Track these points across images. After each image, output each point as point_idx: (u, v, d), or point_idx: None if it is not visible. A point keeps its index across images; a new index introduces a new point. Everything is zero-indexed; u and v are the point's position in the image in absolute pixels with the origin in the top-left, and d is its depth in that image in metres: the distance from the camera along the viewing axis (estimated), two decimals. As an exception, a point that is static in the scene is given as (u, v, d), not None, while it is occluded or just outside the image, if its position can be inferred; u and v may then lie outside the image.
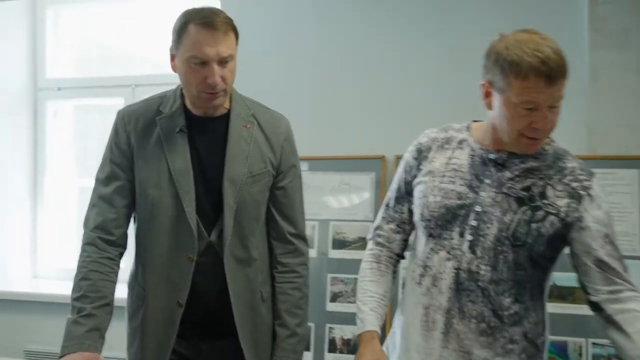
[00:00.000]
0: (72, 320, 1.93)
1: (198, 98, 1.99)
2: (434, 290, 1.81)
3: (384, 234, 2.03)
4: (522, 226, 1.73)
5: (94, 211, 2.05)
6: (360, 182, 3.22)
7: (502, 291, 1.75)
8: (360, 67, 3.30)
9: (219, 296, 2.04)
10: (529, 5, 3.08)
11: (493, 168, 1.79)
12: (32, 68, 4.08)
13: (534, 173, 1.77)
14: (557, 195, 1.75)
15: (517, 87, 1.63)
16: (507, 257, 1.74)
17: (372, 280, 2.00)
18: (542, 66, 1.60)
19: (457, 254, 1.78)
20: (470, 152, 1.84)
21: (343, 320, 3.16)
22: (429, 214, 1.83)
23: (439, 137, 1.92)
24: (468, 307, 1.76)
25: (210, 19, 1.89)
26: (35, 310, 3.78)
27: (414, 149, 1.96)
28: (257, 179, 2.06)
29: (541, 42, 1.64)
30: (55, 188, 4.14)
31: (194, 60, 1.92)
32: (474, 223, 1.77)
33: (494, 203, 1.76)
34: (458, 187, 1.81)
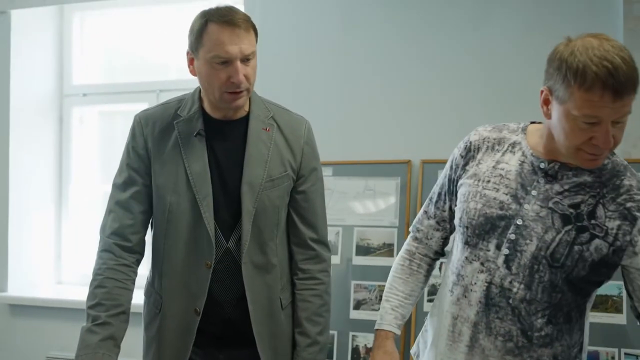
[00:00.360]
0: (86, 329, 1.89)
1: (221, 100, 1.95)
2: (464, 302, 1.72)
3: (422, 229, 1.94)
4: (563, 247, 1.61)
5: (111, 217, 2.03)
6: (386, 187, 3.16)
7: (534, 311, 1.65)
8: (385, 71, 3.23)
9: (237, 304, 2.01)
10: (563, 5, 2.99)
11: (542, 179, 1.66)
12: (58, 74, 4.08)
13: (586, 189, 1.63)
14: (608, 215, 1.61)
15: (579, 98, 1.48)
16: (543, 278, 1.63)
17: (400, 277, 1.94)
18: (609, 78, 1.45)
19: (491, 267, 1.68)
20: (520, 158, 1.71)
21: (367, 328, 3.08)
22: (467, 220, 1.73)
23: (491, 137, 1.78)
24: (495, 324, 1.67)
25: (230, 17, 1.86)
26: (58, 316, 3.77)
27: (463, 146, 1.83)
28: (277, 183, 2.01)
29: (611, 50, 1.47)
30: (80, 194, 4.13)
31: (216, 59, 1.88)
32: (513, 237, 1.65)
33: (536, 218, 1.64)
34: (501, 195, 1.69)
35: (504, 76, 3.04)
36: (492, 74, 3.06)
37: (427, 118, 3.14)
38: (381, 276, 3.07)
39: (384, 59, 3.23)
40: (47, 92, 4.03)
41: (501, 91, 3.04)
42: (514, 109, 2.97)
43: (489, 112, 3.04)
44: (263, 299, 2.01)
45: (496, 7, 3.07)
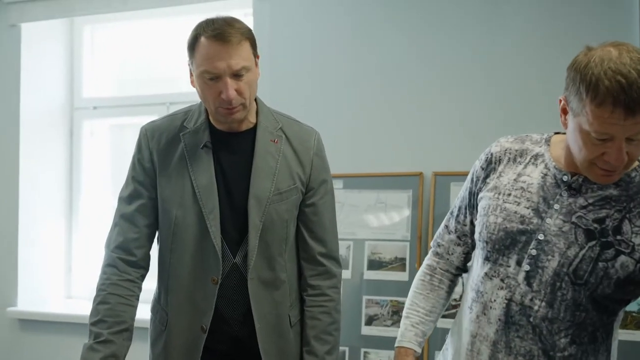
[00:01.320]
0: (88, 346, 1.86)
1: (217, 113, 1.91)
2: (483, 319, 1.64)
3: (443, 244, 1.88)
4: (587, 263, 1.53)
5: (116, 231, 1.99)
6: (397, 200, 3.10)
7: (557, 330, 1.57)
8: (397, 82, 3.19)
9: (244, 320, 1.96)
10: (578, 15, 2.94)
11: (565, 192, 1.59)
12: (68, 87, 4.07)
13: (611, 203, 1.55)
14: (635, 231, 1.53)
15: (590, 113, 1.42)
16: (566, 295, 1.55)
17: (420, 293, 1.87)
18: (621, 94, 1.37)
19: (511, 283, 1.60)
20: (543, 170, 1.64)
21: (379, 344, 3.02)
22: (487, 235, 1.65)
23: (513, 149, 1.71)
24: (516, 343, 1.59)
25: (220, 31, 1.80)
26: (68, 331, 3.74)
27: (484, 158, 1.76)
28: (285, 197, 1.96)
29: (628, 63, 1.39)
30: (90, 207, 4.11)
31: (206, 75, 1.84)
32: (534, 252, 1.58)
33: (559, 233, 1.56)
34: (523, 209, 1.62)
35: (518, 88, 2.98)
36: (506, 85, 3.00)
37: (439, 129, 3.09)
38: (393, 291, 3.02)
39: (395, 71, 3.19)
40: (57, 105, 4.03)
41: (515, 103, 2.99)
42: (527, 120, 2.92)
43: (502, 124, 2.98)
44: (271, 315, 1.96)
45: (510, 18, 3.02)
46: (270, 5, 3.37)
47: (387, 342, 2.99)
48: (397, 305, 2.99)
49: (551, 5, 2.97)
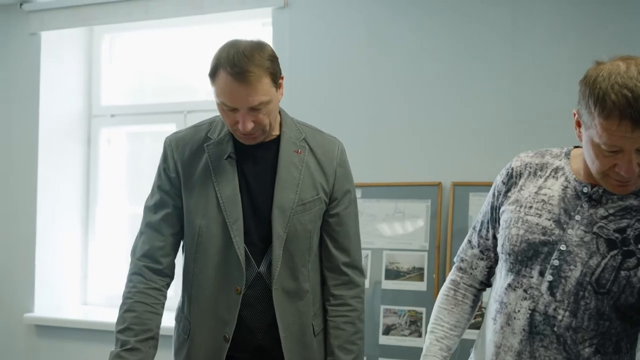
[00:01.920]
0: (115, 354, 1.87)
1: (235, 135, 1.94)
2: (507, 330, 1.65)
3: (467, 259, 1.88)
4: (609, 272, 1.54)
5: (142, 239, 2.00)
6: (416, 210, 3.11)
7: (581, 340, 1.57)
8: (415, 92, 3.20)
9: (268, 330, 1.96)
10: (597, 31, 2.95)
11: (586, 203, 1.61)
12: (87, 95, 4.11)
13: (632, 213, 1.57)
14: None
15: (599, 126, 1.44)
16: (589, 305, 1.56)
17: (445, 308, 1.87)
18: (627, 108, 1.39)
19: (535, 294, 1.61)
20: (563, 183, 1.66)
21: (396, 354, 3.02)
22: (509, 247, 1.67)
23: (533, 163, 1.74)
24: (540, 353, 1.60)
25: (239, 69, 1.78)
26: (84, 337, 3.76)
27: (505, 172, 1.78)
28: (308, 207, 1.97)
29: (635, 77, 1.42)
30: (107, 215, 4.14)
31: (224, 105, 1.85)
32: (556, 263, 1.59)
33: (581, 243, 1.58)
34: (544, 221, 1.63)
35: (537, 98, 2.99)
36: (525, 96, 3.01)
37: (458, 139, 3.09)
38: (411, 301, 3.02)
39: (413, 80, 3.20)
40: (75, 113, 4.06)
41: (533, 114, 2.99)
42: (546, 133, 2.92)
43: (521, 136, 2.98)
44: (295, 325, 1.97)
45: (529, 28, 3.03)
46: (290, 16, 3.40)
47: (404, 351, 2.99)
48: (414, 315, 2.99)
49: (572, 20, 2.98)
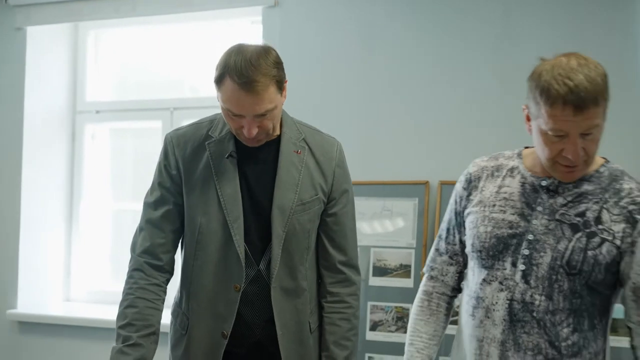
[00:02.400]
0: (117, 350, 1.88)
1: (238, 138, 1.96)
2: (487, 323, 1.74)
3: (437, 266, 1.96)
4: (577, 254, 1.66)
5: (142, 236, 2.02)
6: (403, 208, 3.16)
7: (559, 321, 1.67)
8: (404, 92, 3.25)
9: (265, 327, 2.00)
10: (585, 27, 3.03)
11: (545, 195, 1.74)
12: (72, 91, 4.08)
13: (588, 197, 1.71)
14: (613, 219, 1.68)
15: (545, 114, 1.60)
16: (563, 286, 1.67)
17: (421, 319, 1.94)
18: (569, 94, 1.57)
19: (510, 284, 1.71)
20: (521, 180, 1.79)
21: (383, 349, 3.07)
22: (479, 244, 1.77)
23: (489, 166, 1.88)
24: (523, 339, 1.69)
25: (246, 78, 1.80)
26: (67, 333, 3.75)
27: (463, 179, 1.91)
28: (308, 207, 2.01)
29: (575, 69, 1.59)
30: (91, 211, 4.12)
31: (229, 112, 1.87)
32: (527, 252, 1.70)
33: (546, 231, 1.70)
34: (509, 216, 1.75)
35: (525, 99, 3.05)
36: (512, 96, 3.06)
37: (446, 139, 3.15)
38: (398, 297, 3.07)
39: (403, 80, 3.25)
40: (60, 109, 4.04)
41: (521, 114, 3.04)
42: (532, 132, 2.98)
43: (509, 135, 3.03)
44: (292, 323, 2.00)
45: (522, 31, 3.10)
46: (280, 14, 3.42)
47: (391, 347, 3.04)
48: (401, 312, 3.05)
49: (563, 22, 3.06)
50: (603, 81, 1.61)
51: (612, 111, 2.93)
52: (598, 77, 1.59)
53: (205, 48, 3.88)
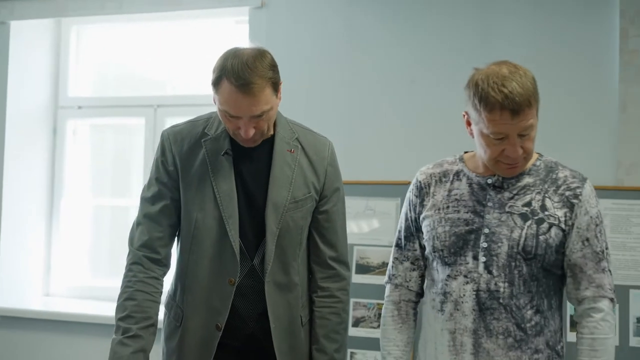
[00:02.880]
0: (117, 341, 1.92)
1: (234, 138, 2.01)
2: (457, 315, 1.86)
3: (400, 274, 2.07)
4: (530, 239, 1.82)
5: (139, 230, 2.05)
6: (385, 207, 3.23)
7: (523, 305, 1.83)
8: (387, 93, 3.33)
9: (258, 320, 2.05)
10: (562, 38, 3.13)
11: (492, 191, 1.89)
12: (54, 86, 4.09)
13: (531, 188, 1.88)
14: (555, 206, 1.86)
15: (485, 119, 1.76)
16: (522, 271, 1.83)
17: (394, 328, 2.04)
18: (505, 101, 1.72)
19: (474, 276, 1.85)
20: (467, 181, 1.94)
21: (366, 345, 3.14)
22: (440, 244, 1.91)
23: (436, 172, 2.02)
24: (493, 325, 1.83)
25: (243, 80, 1.85)
26: (46, 328, 3.76)
27: (414, 187, 2.05)
28: (300, 205, 2.06)
29: (507, 76, 1.75)
30: (72, 207, 4.13)
31: (226, 113, 1.92)
32: (485, 245, 1.85)
33: (499, 223, 1.85)
34: (463, 214, 1.90)
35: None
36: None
37: (427, 140, 3.23)
38: (380, 294, 3.07)
39: (387, 83, 3.33)
40: (42, 104, 4.04)
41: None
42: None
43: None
44: (284, 316, 2.06)
45: (500, 31, 3.20)
46: (267, 15, 3.47)
47: (373, 343, 3.10)
48: (383, 308, 3.12)
49: (541, 23, 3.17)
50: (533, 85, 1.78)
51: (589, 108, 3.07)
52: (528, 82, 1.76)
53: (189, 47, 3.92)
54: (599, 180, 2.93)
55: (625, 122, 2.99)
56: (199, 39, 3.87)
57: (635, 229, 2.90)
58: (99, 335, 3.64)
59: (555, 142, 2.98)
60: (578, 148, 3.02)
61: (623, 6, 3.02)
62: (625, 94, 2.99)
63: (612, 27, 3.05)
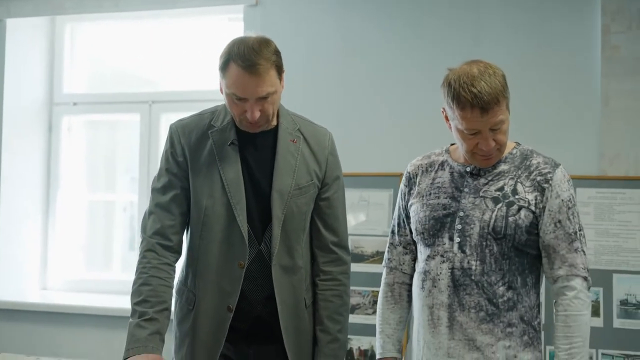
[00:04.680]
0: (134, 324, 1.99)
1: (240, 124, 2.10)
2: (435, 291, 2.02)
3: (394, 258, 2.23)
4: (500, 221, 1.95)
5: (151, 219, 2.13)
6: (379, 198, 3.34)
7: (495, 281, 1.96)
8: (381, 89, 3.44)
9: (266, 302, 2.13)
10: (546, 34, 3.25)
11: (470, 179, 2.05)
12: (49, 83, 4.14)
13: (504, 174, 2.02)
14: (526, 190, 1.98)
15: (459, 116, 1.91)
16: (493, 250, 1.96)
17: (387, 308, 2.21)
18: (474, 100, 1.87)
19: (450, 255, 2.00)
20: (450, 170, 2.10)
21: (361, 331, 3.25)
22: (421, 227, 2.07)
23: (423, 164, 2.19)
24: (466, 300, 1.97)
25: (250, 62, 1.96)
26: (44, 320, 3.83)
27: (404, 178, 2.23)
28: (304, 191, 2.16)
29: (477, 76, 1.89)
30: (67, 202, 4.19)
31: (234, 96, 2.02)
32: (460, 227, 2.00)
33: (473, 207, 2.00)
34: (442, 200, 2.06)
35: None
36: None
37: (419, 133, 3.34)
38: (374, 282, 3.22)
39: (380, 77, 3.43)
40: (37, 101, 4.09)
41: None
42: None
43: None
44: (290, 298, 2.15)
45: (489, 32, 3.31)
46: (261, 13, 3.56)
47: (368, 329, 3.21)
48: (377, 296, 3.19)
49: (528, 27, 3.29)
50: (501, 83, 1.91)
51: (573, 102, 3.19)
52: (497, 80, 1.89)
53: (184, 44, 3.98)
54: (584, 171, 3.08)
55: (607, 115, 3.11)
56: (194, 36, 3.94)
57: (617, 217, 3.04)
58: (95, 326, 3.74)
59: (541, 135, 3.11)
60: (563, 141, 3.14)
61: (604, 3, 3.14)
62: (607, 88, 3.11)
63: (594, 24, 3.18)
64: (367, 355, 3.25)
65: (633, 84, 3.05)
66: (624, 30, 3.05)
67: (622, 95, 3.06)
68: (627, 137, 3.07)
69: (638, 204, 3.02)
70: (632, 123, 3.07)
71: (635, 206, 3.02)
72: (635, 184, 3.03)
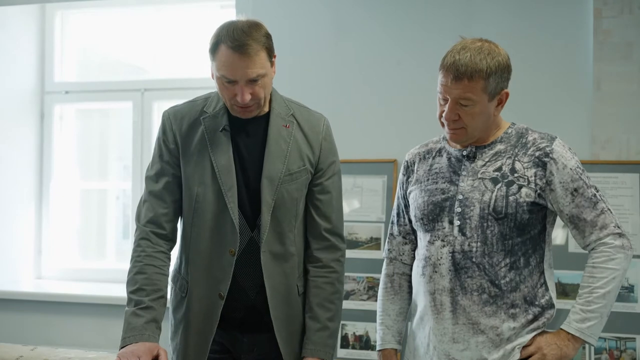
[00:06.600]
0: (130, 312, 2.00)
1: (232, 109, 2.09)
2: (436, 276, 2.00)
3: (394, 249, 2.22)
4: (500, 200, 1.94)
5: (145, 207, 2.13)
6: (373, 184, 3.35)
7: (497, 263, 1.95)
8: (374, 74, 3.43)
9: (260, 291, 2.13)
10: (538, 18, 3.25)
11: (467, 161, 2.03)
12: (40, 71, 4.12)
13: (501, 154, 2.01)
14: (525, 167, 1.97)
15: (439, 80, 1.95)
16: (494, 230, 1.95)
17: (387, 299, 2.20)
18: (451, 66, 1.91)
19: (450, 239, 1.99)
20: (447, 156, 2.09)
21: (355, 317, 3.27)
22: (420, 213, 2.06)
23: (421, 152, 2.19)
24: (468, 283, 1.96)
25: (239, 42, 1.96)
26: (38, 309, 3.83)
27: (402, 167, 2.23)
28: (295, 177, 2.14)
29: (469, 48, 1.92)
30: (60, 190, 4.18)
31: (224, 79, 2.01)
32: (459, 210, 1.99)
33: (472, 189, 1.99)
34: (441, 185, 2.05)
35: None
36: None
37: (412, 119, 3.34)
38: (369, 268, 3.27)
39: (372, 64, 3.43)
40: (29, 89, 4.08)
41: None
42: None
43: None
44: (281, 286, 2.14)
45: (481, 14, 3.32)
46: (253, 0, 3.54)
47: (363, 315, 3.25)
48: (372, 281, 3.25)
49: (520, 7, 3.29)
50: (488, 65, 1.90)
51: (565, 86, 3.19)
52: (485, 60, 1.90)
53: (175, 31, 3.97)
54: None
55: (599, 99, 3.12)
56: (185, 23, 3.93)
57: (610, 201, 2.96)
58: (89, 315, 3.75)
59: (533, 119, 3.08)
60: (555, 124, 3.13)
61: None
62: (599, 72, 3.12)
63: (586, 8, 3.17)
64: (362, 340, 3.26)
65: (625, 67, 3.06)
66: (615, 15, 3.05)
67: (614, 80, 3.07)
68: (619, 121, 3.08)
69: (630, 188, 3.04)
70: (624, 107, 3.07)
71: (627, 190, 3.04)
72: (627, 167, 3.04)
